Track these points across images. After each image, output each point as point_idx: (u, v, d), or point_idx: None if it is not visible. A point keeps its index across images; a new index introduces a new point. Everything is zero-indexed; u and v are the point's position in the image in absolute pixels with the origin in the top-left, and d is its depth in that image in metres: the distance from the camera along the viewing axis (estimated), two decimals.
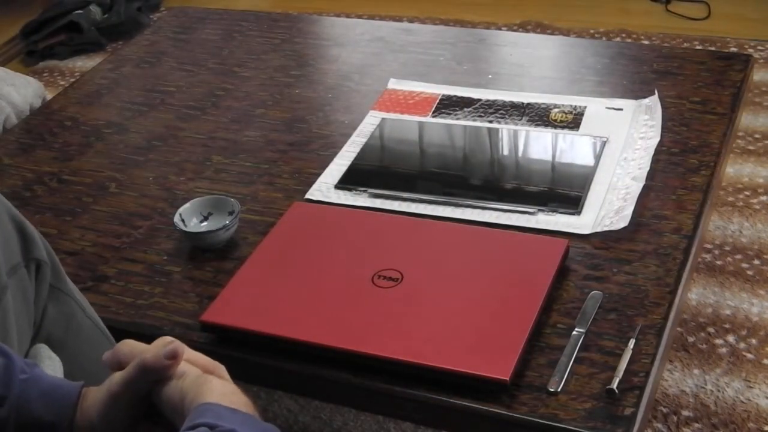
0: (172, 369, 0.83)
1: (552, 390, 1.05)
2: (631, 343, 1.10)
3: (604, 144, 1.49)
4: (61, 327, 1.06)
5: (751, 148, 2.22)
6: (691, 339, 1.68)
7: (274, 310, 1.19)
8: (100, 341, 1.13)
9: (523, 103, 1.62)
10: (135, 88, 1.85)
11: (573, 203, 1.36)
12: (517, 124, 1.56)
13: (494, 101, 1.64)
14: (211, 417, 0.75)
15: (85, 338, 1.09)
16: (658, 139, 1.47)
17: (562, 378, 1.07)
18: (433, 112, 1.63)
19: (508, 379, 1.05)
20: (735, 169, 2.14)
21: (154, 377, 0.83)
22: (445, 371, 1.07)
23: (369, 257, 1.25)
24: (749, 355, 1.64)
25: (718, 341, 1.67)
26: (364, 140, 1.57)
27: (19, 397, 0.85)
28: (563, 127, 1.54)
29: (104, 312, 1.25)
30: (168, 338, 0.85)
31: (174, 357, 0.82)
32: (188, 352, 0.85)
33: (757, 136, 2.27)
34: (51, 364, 1.00)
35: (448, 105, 1.64)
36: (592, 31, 2.93)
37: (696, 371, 1.61)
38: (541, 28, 2.96)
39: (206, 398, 0.78)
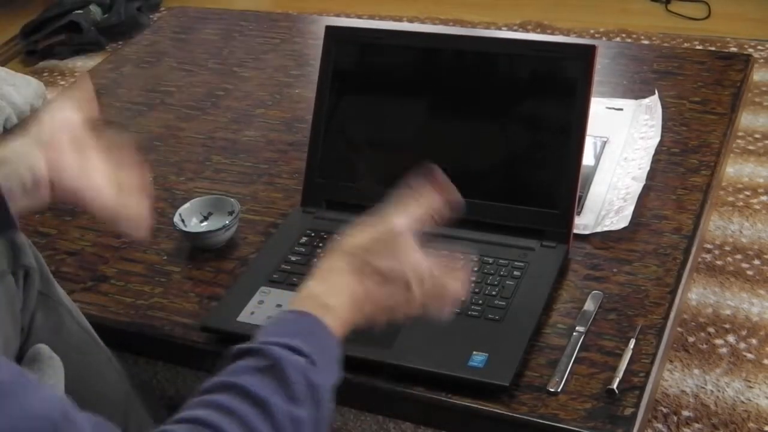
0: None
1: (552, 390, 1.05)
2: (631, 343, 1.10)
3: (604, 144, 1.48)
4: (50, 334, 1.06)
5: (751, 148, 2.22)
6: (691, 339, 1.67)
7: None
8: (89, 346, 1.12)
9: None
10: (135, 88, 1.85)
11: None
12: None
13: None
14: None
15: (74, 344, 1.09)
16: (658, 139, 1.47)
17: (562, 378, 1.07)
18: None
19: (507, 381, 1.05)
20: (735, 169, 2.14)
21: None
22: (445, 372, 1.07)
23: None
24: (749, 355, 1.64)
25: (718, 341, 1.67)
26: None
27: None
28: None
29: (104, 312, 1.25)
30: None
31: None
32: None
33: (757, 136, 2.27)
34: (52, 364, 0.99)
35: None
36: (592, 31, 2.93)
37: (696, 371, 1.61)
38: (541, 28, 2.96)
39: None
